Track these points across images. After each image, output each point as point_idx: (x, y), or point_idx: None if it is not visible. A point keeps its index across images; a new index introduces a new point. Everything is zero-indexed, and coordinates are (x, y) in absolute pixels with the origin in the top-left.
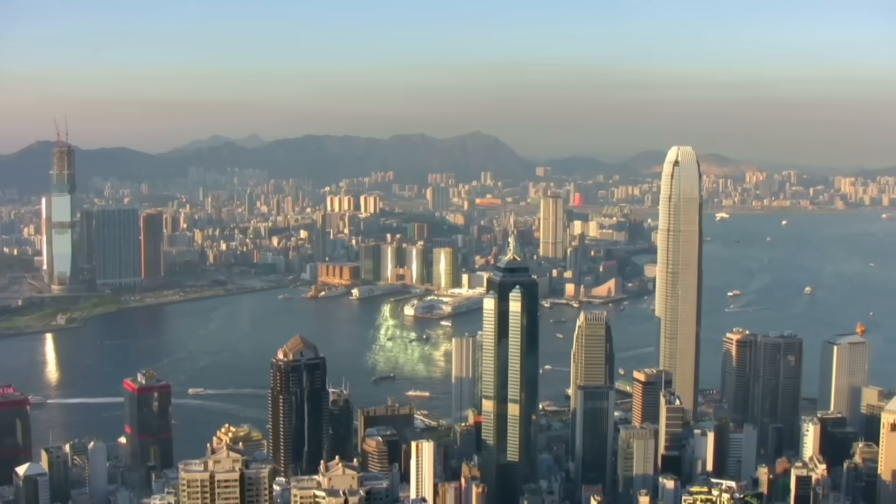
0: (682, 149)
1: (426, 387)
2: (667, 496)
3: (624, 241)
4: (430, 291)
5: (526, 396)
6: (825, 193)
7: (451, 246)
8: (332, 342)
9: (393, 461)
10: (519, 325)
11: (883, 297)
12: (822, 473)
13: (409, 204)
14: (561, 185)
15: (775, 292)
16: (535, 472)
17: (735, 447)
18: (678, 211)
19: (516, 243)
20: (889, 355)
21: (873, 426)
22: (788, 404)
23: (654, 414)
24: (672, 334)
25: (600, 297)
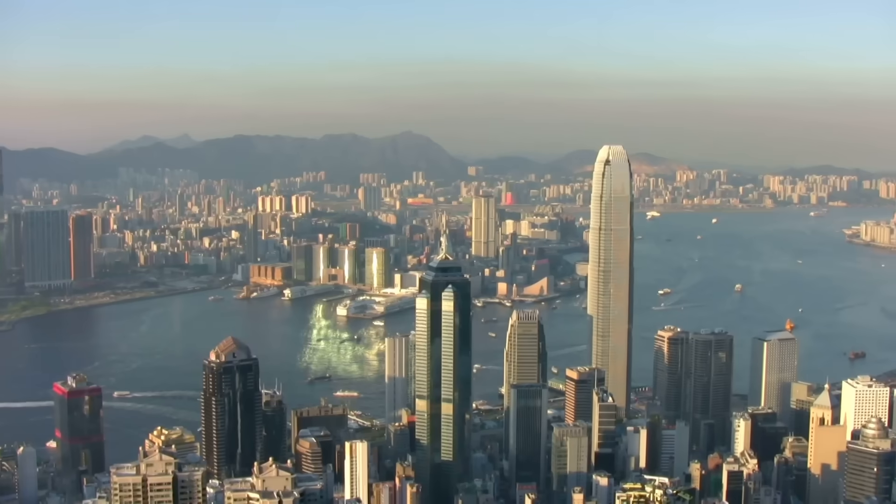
0: (613, 148)
1: (360, 387)
2: (600, 493)
3: (556, 239)
4: (362, 291)
5: (459, 395)
6: (754, 192)
7: (383, 246)
8: (265, 343)
9: (327, 462)
10: (451, 325)
11: (811, 293)
12: (753, 468)
13: (340, 204)
14: (493, 185)
15: (706, 290)
16: (469, 471)
17: (668, 444)
18: (609, 210)
19: (448, 243)
20: (818, 351)
21: (803, 421)
22: (720, 400)
23: (587, 412)
24: (604, 332)
25: (532, 295)
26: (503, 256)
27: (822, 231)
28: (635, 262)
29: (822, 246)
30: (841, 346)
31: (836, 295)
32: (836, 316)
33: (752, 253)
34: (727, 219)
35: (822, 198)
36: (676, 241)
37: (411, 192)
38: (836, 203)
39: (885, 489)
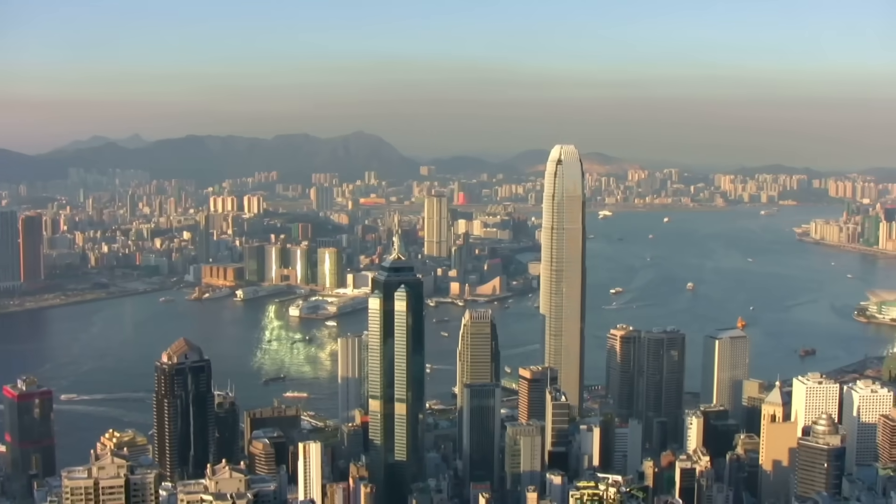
0: (565, 147)
1: (312, 388)
2: (554, 492)
3: (508, 239)
4: (314, 292)
5: (412, 395)
6: (706, 191)
7: (335, 246)
8: (217, 344)
9: (280, 463)
10: (404, 325)
11: (762, 291)
12: (705, 465)
13: (293, 204)
14: (445, 184)
15: (658, 289)
16: (423, 471)
17: (621, 442)
18: (562, 209)
19: (401, 243)
20: (769, 349)
21: (754, 418)
22: (672, 398)
23: (540, 411)
24: (557, 331)
25: (485, 295)
26: (456, 256)
27: (772, 229)
28: (587, 262)
29: (773, 244)
30: (791, 343)
31: (786, 293)
32: (787, 314)
33: (703, 251)
34: (679, 218)
35: (773, 197)
36: (628, 240)
37: (363, 192)
38: (787, 202)
39: (836, 484)
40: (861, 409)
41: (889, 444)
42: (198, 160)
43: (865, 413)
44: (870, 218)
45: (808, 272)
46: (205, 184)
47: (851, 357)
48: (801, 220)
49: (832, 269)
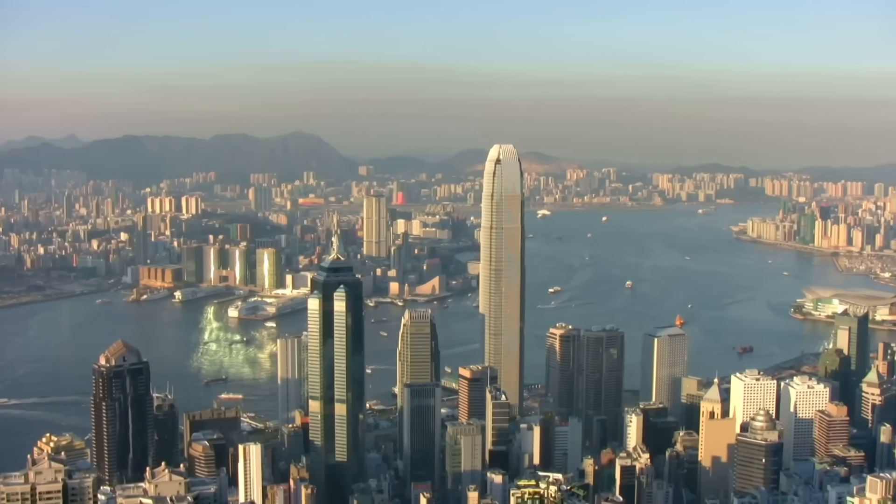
0: (504, 147)
1: (252, 389)
2: (495, 491)
3: (447, 239)
4: (253, 293)
5: (352, 396)
6: (644, 190)
7: (274, 246)
8: (156, 346)
9: (220, 465)
10: (344, 325)
11: (700, 290)
12: (645, 462)
13: (231, 204)
14: (384, 184)
15: (597, 287)
16: (363, 472)
17: (561, 440)
18: (500, 208)
19: (340, 243)
20: (707, 346)
21: (693, 415)
22: (612, 396)
23: (480, 410)
24: (496, 331)
25: (425, 295)
26: (395, 256)
27: (710, 228)
28: (527, 261)
29: (711, 243)
30: (729, 340)
31: (724, 290)
32: (725, 311)
33: (641, 250)
34: (617, 217)
35: (710, 195)
36: (567, 240)
37: (302, 192)
38: (724, 201)
39: (774, 479)
40: (798, 404)
41: (825, 439)
42: (135, 160)
43: (802, 409)
44: (805, 216)
45: (745, 270)
46: (142, 184)
47: (788, 354)
48: (738, 219)
49: (769, 267)
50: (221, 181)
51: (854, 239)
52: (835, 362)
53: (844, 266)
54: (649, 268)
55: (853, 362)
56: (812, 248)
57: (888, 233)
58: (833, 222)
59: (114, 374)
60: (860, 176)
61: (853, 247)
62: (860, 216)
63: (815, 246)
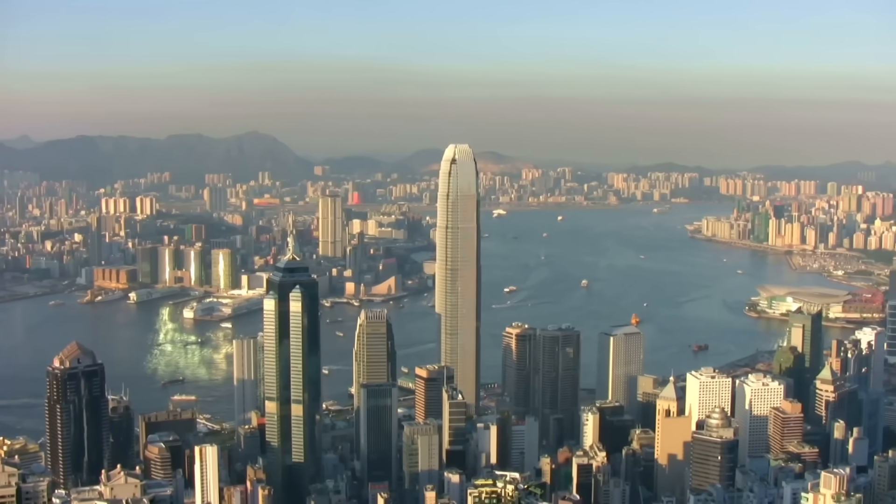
0: (459, 146)
1: (208, 390)
2: (452, 490)
3: (403, 238)
4: (209, 293)
5: (309, 396)
6: (599, 189)
7: (229, 247)
8: (111, 348)
9: (176, 467)
10: (300, 326)
11: (656, 288)
12: (602, 461)
13: (186, 205)
14: (339, 184)
15: (553, 286)
16: (320, 472)
17: (518, 439)
18: (456, 208)
19: (295, 243)
20: (663, 344)
21: (649, 413)
22: (568, 395)
23: (437, 409)
24: (453, 330)
25: (381, 295)
26: (350, 256)
27: (665, 227)
28: (482, 260)
29: (666, 241)
30: (685, 339)
31: (679, 289)
32: (680, 310)
33: (597, 249)
34: (573, 216)
35: (665, 195)
36: (523, 239)
37: (257, 193)
38: (679, 200)
39: (729, 476)
40: (753, 402)
41: (780, 436)
42: (89, 161)
43: (757, 406)
44: (759, 215)
45: (700, 269)
46: (96, 185)
47: (743, 351)
48: (692, 218)
49: (723, 266)
50: (176, 181)
51: (807, 237)
52: (789, 360)
53: (798, 264)
54: (605, 267)
55: (807, 360)
56: (766, 246)
57: (841, 231)
58: (787, 221)
59: (68, 377)
60: (813, 175)
61: (807, 245)
62: (813, 215)
63: (769, 244)
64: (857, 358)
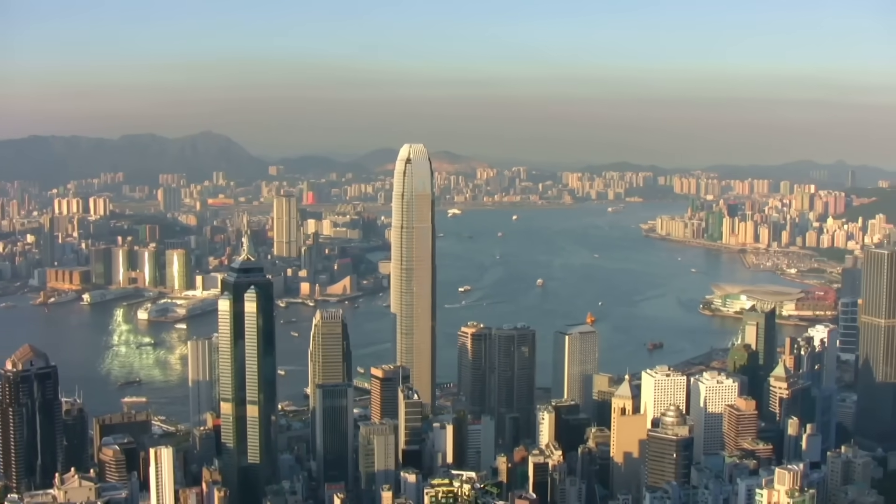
0: (414, 146)
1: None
2: (409, 490)
3: (358, 238)
4: (163, 294)
5: (264, 397)
6: (554, 188)
7: (183, 247)
8: (64, 350)
9: (131, 469)
10: (255, 326)
11: (611, 287)
12: (558, 459)
13: (139, 205)
14: (294, 184)
15: (508, 286)
16: (276, 473)
17: (474, 438)
18: (411, 208)
19: (250, 243)
20: (618, 343)
21: (605, 411)
22: (524, 394)
23: (392, 409)
24: (408, 330)
25: (336, 295)
26: (305, 256)
27: (619, 226)
28: (437, 260)
29: (621, 240)
30: (640, 337)
31: (634, 288)
32: (635, 308)
33: (552, 248)
34: (527, 215)
35: (619, 194)
36: (478, 239)
37: (211, 193)
38: (633, 199)
39: (685, 474)
40: (707, 399)
41: (735, 433)
42: (41, 161)
43: (712, 403)
44: (713, 214)
45: (654, 267)
46: (49, 185)
47: (697, 349)
48: (647, 217)
49: (678, 264)
50: (130, 182)
51: (761, 236)
52: (743, 357)
53: (752, 263)
54: (560, 266)
55: (761, 357)
56: (720, 245)
57: (794, 230)
58: (740, 220)
59: (21, 379)
60: (767, 174)
61: (760, 244)
62: (767, 213)
63: (723, 243)
64: (811, 355)
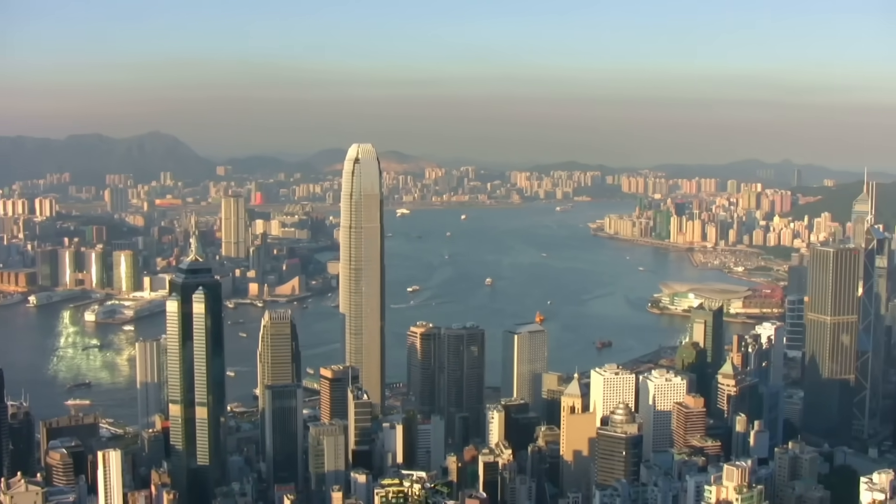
0: (363, 146)
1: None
2: (359, 490)
3: (306, 238)
4: (111, 296)
5: (213, 399)
6: (502, 188)
7: (131, 248)
8: (10, 352)
9: (79, 473)
10: (203, 327)
11: (559, 286)
12: (508, 458)
13: (86, 206)
14: (242, 184)
15: (457, 285)
16: (226, 475)
17: (424, 438)
18: (359, 208)
19: (198, 244)
20: (567, 342)
21: (554, 410)
22: (473, 393)
23: (342, 410)
24: (357, 330)
25: (284, 295)
26: (254, 257)
27: (568, 225)
28: (386, 260)
29: (569, 239)
30: (588, 336)
31: (583, 287)
32: (584, 307)
33: (501, 248)
34: (476, 215)
35: (568, 193)
36: (426, 238)
37: (159, 193)
38: (581, 198)
39: (634, 471)
40: (656, 397)
41: (683, 431)
42: None
43: (660, 401)
44: (661, 213)
45: (603, 266)
46: None
47: (646, 348)
48: (595, 216)
49: (626, 263)
50: (76, 182)
51: (708, 234)
52: (691, 355)
53: (699, 261)
54: (509, 265)
55: (709, 355)
56: (668, 243)
57: (741, 228)
58: (688, 218)
59: None
60: (714, 173)
61: (707, 242)
62: (714, 212)
63: (671, 242)
64: (758, 352)
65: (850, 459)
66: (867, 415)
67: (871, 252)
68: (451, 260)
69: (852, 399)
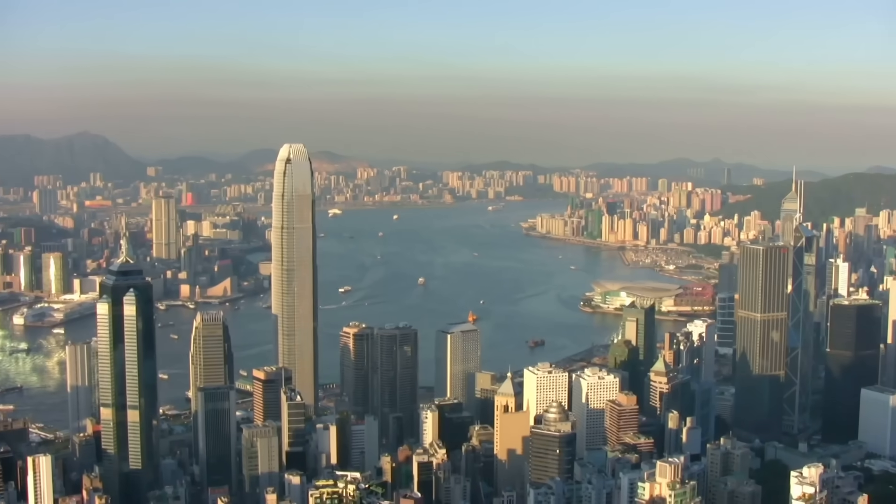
0: (294, 146)
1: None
2: (293, 492)
3: (238, 239)
4: (40, 298)
5: (145, 402)
6: (434, 188)
7: (60, 250)
8: None
9: (8, 479)
10: (134, 330)
11: (492, 285)
12: (442, 458)
13: (14, 208)
14: (173, 185)
15: (390, 285)
16: (159, 479)
17: (357, 439)
18: (291, 208)
19: (128, 245)
20: (499, 341)
21: (488, 409)
22: (407, 394)
23: (275, 411)
24: (290, 331)
25: (216, 296)
26: (185, 258)
27: (500, 224)
28: (319, 261)
29: (501, 239)
30: (521, 335)
31: (515, 286)
32: (516, 306)
33: (433, 248)
34: (408, 215)
35: (500, 192)
36: (359, 239)
37: (89, 195)
38: (513, 197)
39: (568, 469)
40: (589, 395)
41: (616, 428)
42: None
43: (594, 399)
44: (593, 212)
45: (535, 265)
46: None
47: (579, 346)
48: (527, 215)
49: (558, 262)
50: (3, 184)
51: (640, 233)
52: (624, 353)
53: (631, 260)
54: (441, 265)
55: (641, 353)
56: (600, 242)
57: (672, 227)
58: (619, 217)
59: None
60: (644, 172)
61: (639, 241)
62: (645, 211)
63: (603, 241)
64: (689, 350)
65: (780, 454)
66: (797, 410)
67: (799, 250)
68: (383, 260)
69: (782, 395)
